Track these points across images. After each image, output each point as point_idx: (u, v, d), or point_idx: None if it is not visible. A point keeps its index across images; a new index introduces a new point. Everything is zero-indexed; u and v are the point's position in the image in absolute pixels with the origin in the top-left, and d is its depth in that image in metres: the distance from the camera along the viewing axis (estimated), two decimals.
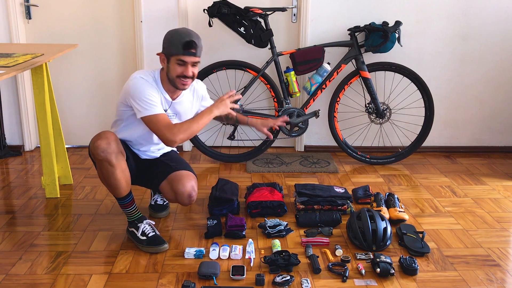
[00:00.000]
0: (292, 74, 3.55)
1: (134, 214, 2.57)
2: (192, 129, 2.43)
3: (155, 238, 2.52)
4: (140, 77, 2.46)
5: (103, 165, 2.41)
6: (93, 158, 2.48)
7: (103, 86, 3.92)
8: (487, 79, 3.94)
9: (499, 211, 3.02)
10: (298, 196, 2.94)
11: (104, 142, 2.37)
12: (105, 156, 2.38)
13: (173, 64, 2.42)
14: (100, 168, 2.45)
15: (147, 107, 2.40)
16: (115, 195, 2.52)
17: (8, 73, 2.41)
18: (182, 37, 2.39)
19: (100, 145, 2.37)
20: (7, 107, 3.90)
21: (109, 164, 2.40)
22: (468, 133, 4.06)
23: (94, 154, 2.41)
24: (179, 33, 2.43)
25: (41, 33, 3.80)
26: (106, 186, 2.52)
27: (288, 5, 3.80)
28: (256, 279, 2.22)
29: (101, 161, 2.40)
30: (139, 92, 2.41)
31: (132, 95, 2.42)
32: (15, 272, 2.30)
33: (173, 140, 2.39)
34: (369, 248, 2.49)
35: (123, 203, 2.54)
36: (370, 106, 3.66)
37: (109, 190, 2.53)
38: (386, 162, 3.76)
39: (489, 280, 2.29)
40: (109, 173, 2.42)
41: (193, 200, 2.63)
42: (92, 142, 2.41)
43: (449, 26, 3.82)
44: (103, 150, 2.37)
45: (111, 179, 2.44)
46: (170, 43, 2.42)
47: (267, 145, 3.76)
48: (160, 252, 2.48)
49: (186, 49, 2.39)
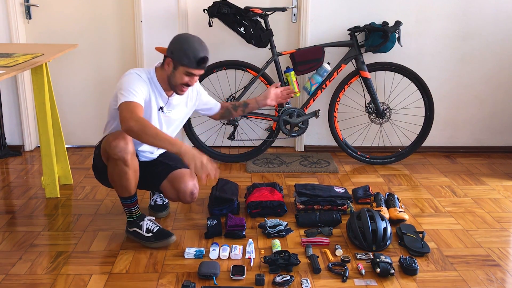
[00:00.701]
0: (292, 74, 3.55)
1: (136, 213, 2.57)
2: (146, 130, 2.21)
3: (161, 232, 2.53)
4: (134, 72, 2.45)
5: (117, 165, 2.39)
6: (106, 157, 2.45)
7: (103, 86, 3.92)
8: (487, 79, 3.94)
9: (499, 211, 3.02)
10: (298, 196, 2.94)
11: (122, 142, 2.35)
12: (122, 156, 2.36)
13: (180, 73, 2.42)
14: (113, 168, 2.42)
15: (127, 94, 2.32)
16: (122, 195, 2.51)
17: (8, 73, 2.41)
18: (197, 52, 2.37)
19: (118, 145, 2.34)
20: (7, 107, 3.90)
21: (124, 164, 2.38)
22: (468, 133, 4.06)
23: (110, 153, 2.37)
24: (195, 46, 2.39)
25: (41, 33, 3.80)
26: (115, 186, 2.50)
27: (288, 5, 3.80)
28: (256, 279, 2.22)
29: (116, 161, 2.38)
30: (127, 83, 2.38)
31: (119, 87, 2.39)
32: (15, 272, 2.30)
33: (126, 123, 2.22)
34: (369, 248, 2.49)
35: (129, 202, 2.53)
36: (370, 106, 3.66)
37: (117, 190, 2.51)
38: (386, 162, 3.76)
39: (489, 280, 2.30)
40: (123, 173, 2.41)
41: (195, 197, 2.64)
42: (108, 142, 2.37)
43: (449, 26, 3.82)
44: (120, 150, 2.34)
45: (123, 179, 2.43)
46: (183, 54, 2.38)
47: (267, 145, 3.76)
48: (169, 244, 2.50)
49: (199, 65, 2.39)
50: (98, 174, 2.68)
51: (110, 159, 2.41)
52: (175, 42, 2.43)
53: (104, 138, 2.48)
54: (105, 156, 2.46)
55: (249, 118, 3.77)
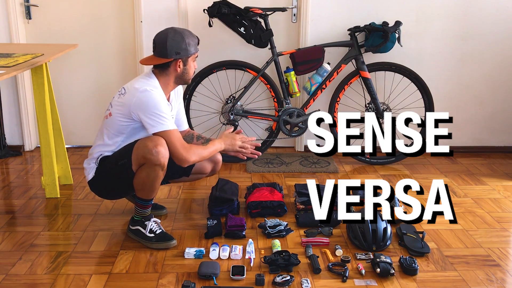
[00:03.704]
0: (292, 74, 3.56)
1: (146, 214, 2.57)
2: (203, 155, 2.52)
3: (163, 234, 2.54)
4: (151, 90, 2.40)
5: (154, 170, 2.39)
6: (139, 163, 2.40)
7: (103, 86, 3.92)
8: (487, 79, 3.94)
9: (499, 211, 3.02)
10: (298, 196, 2.94)
11: (163, 149, 2.36)
12: (164, 162, 2.38)
13: (190, 64, 2.52)
14: (148, 173, 2.40)
15: (162, 121, 2.39)
16: (148, 197, 2.51)
17: (8, 73, 2.41)
18: (192, 36, 2.51)
19: (161, 151, 2.35)
20: (7, 107, 3.90)
21: (161, 169, 2.40)
22: (468, 133, 4.06)
23: (151, 159, 2.35)
24: (186, 33, 2.48)
25: (41, 33, 3.80)
26: (143, 189, 2.47)
27: (288, 5, 3.80)
28: (256, 279, 2.22)
29: (155, 166, 2.37)
30: (153, 106, 2.37)
31: (145, 109, 2.37)
32: (15, 272, 2.30)
33: (188, 160, 2.44)
34: (369, 248, 2.49)
35: (148, 204, 2.55)
36: (370, 106, 3.66)
37: (143, 193, 2.49)
38: (386, 162, 3.76)
39: (489, 280, 2.30)
40: (158, 177, 2.43)
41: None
42: (149, 148, 2.34)
43: (449, 26, 3.82)
44: (163, 156, 2.36)
45: (155, 183, 2.45)
46: (187, 45, 2.45)
47: (267, 145, 3.76)
48: (170, 248, 2.50)
49: (198, 44, 2.54)
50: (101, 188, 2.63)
51: (148, 164, 2.38)
52: (171, 43, 2.42)
53: (137, 144, 2.40)
54: (139, 162, 2.40)
55: (249, 118, 3.77)
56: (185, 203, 3.06)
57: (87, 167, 2.61)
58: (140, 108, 2.38)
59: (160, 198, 3.10)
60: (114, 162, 2.50)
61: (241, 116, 3.63)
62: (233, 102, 3.60)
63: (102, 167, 2.54)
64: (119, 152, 2.51)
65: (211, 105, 3.85)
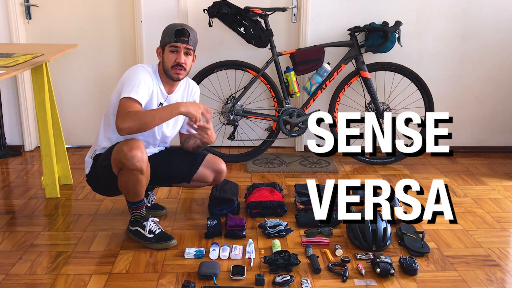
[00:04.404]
0: (292, 74, 3.56)
1: (141, 214, 2.57)
2: (144, 120, 2.31)
3: (162, 234, 2.54)
4: (141, 66, 2.51)
5: (133, 174, 2.36)
6: (118, 167, 2.39)
7: (103, 86, 3.92)
8: (487, 79, 3.94)
9: (499, 211, 3.02)
10: (298, 196, 2.94)
11: (139, 152, 2.32)
12: (140, 166, 2.34)
13: (167, 53, 2.49)
14: (127, 177, 2.38)
15: (130, 89, 2.35)
16: (133, 200, 2.49)
17: (8, 73, 2.41)
18: (174, 26, 2.51)
19: (136, 155, 2.31)
20: (7, 107, 3.90)
21: (140, 173, 2.37)
22: (468, 133, 4.06)
23: (127, 164, 2.32)
24: (173, 24, 2.56)
25: (41, 33, 3.80)
26: (127, 193, 2.46)
27: (288, 5, 3.80)
28: (256, 279, 2.22)
29: (132, 171, 2.35)
30: (132, 75, 2.42)
31: (125, 78, 2.42)
32: (15, 272, 2.30)
33: (120, 127, 2.29)
34: (369, 248, 2.49)
35: (137, 206, 2.52)
36: (370, 106, 3.66)
37: (128, 196, 2.48)
38: (386, 162, 3.76)
39: (489, 280, 2.30)
40: (138, 181, 2.39)
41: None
42: (124, 152, 2.31)
43: (449, 26, 3.82)
44: (138, 160, 2.32)
45: (137, 187, 2.41)
46: (165, 34, 2.52)
47: (267, 145, 3.76)
48: (169, 247, 2.50)
49: (178, 36, 2.47)
50: (95, 184, 2.65)
51: (125, 169, 2.36)
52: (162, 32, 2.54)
53: (115, 148, 2.40)
54: (118, 166, 2.40)
55: (249, 118, 3.77)
56: (185, 203, 3.06)
57: (86, 160, 2.66)
58: (123, 78, 2.44)
59: (160, 198, 3.10)
60: (100, 162, 2.53)
61: (241, 116, 3.63)
62: (233, 102, 3.60)
63: (95, 164, 2.59)
64: (104, 153, 2.52)
65: (211, 105, 3.83)
